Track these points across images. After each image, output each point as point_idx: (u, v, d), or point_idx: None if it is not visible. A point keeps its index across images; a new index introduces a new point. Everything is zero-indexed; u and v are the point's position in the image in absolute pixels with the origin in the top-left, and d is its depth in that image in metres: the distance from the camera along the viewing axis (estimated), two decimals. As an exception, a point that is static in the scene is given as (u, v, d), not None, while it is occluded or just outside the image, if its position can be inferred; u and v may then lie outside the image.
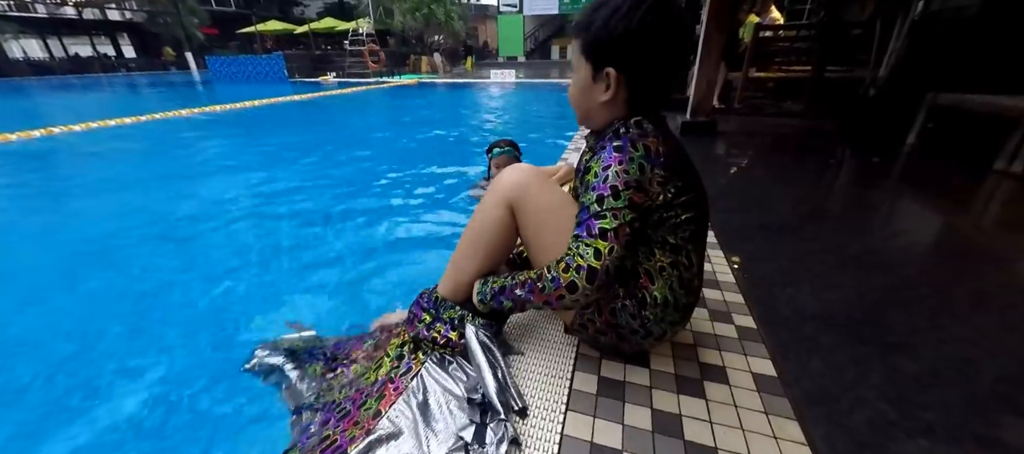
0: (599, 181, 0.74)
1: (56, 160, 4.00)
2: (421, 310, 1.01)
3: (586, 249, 0.72)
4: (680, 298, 0.84)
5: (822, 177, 2.60)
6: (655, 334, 0.86)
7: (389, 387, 0.91)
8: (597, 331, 0.89)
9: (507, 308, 0.89)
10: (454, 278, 0.99)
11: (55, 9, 20.95)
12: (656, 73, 0.77)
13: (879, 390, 0.90)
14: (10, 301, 1.59)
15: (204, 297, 1.59)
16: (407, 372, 0.94)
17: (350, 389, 0.96)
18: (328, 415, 0.89)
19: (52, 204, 2.79)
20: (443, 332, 0.96)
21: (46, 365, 1.24)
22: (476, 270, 0.96)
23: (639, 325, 0.85)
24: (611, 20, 0.72)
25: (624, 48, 0.74)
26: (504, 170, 0.93)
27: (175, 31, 19.58)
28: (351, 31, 15.61)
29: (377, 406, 0.87)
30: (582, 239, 0.73)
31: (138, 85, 12.99)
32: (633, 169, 0.74)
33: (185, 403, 1.09)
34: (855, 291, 1.29)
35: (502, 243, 0.94)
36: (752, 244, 1.62)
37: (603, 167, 0.75)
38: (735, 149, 3.27)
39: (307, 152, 4.14)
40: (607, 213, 0.72)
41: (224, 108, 6.97)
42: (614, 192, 0.73)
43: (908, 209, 2.00)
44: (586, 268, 0.71)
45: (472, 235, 0.95)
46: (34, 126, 4.96)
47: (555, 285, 0.75)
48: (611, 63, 0.76)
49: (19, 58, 18.98)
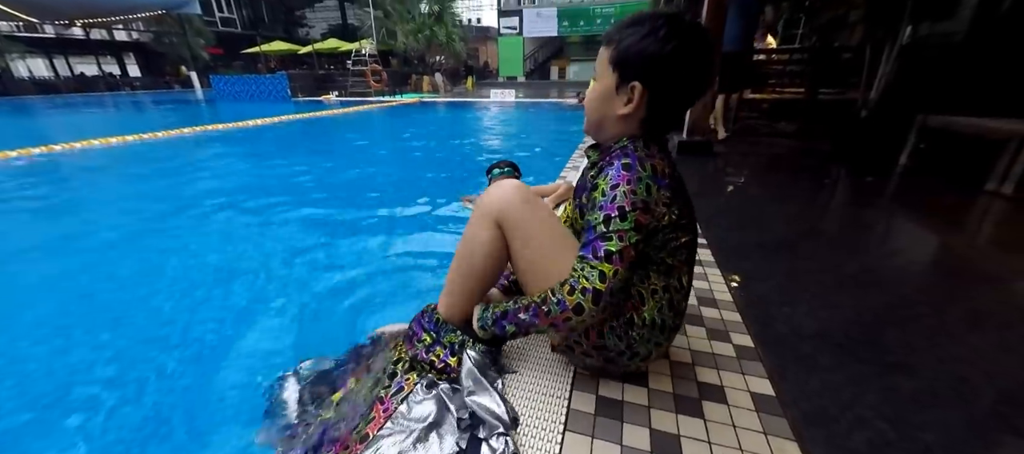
0: (606, 200, 0.74)
1: (61, 176, 4.02)
2: (421, 329, 1.01)
3: (591, 272, 0.72)
4: (668, 320, 0.85)
5: (817, 196, 2.63)
6: (640, 355, 0.87)
7: (379, 408, 0.90)
8: (583, 352, 0.89)
9: (510, 332, 0.88)
10: (451, 300, 0.98)
11: (63, 30, 21.31)
12: (677, 98, 0.80)
13: (877, 410, 0.90)
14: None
15: (202, 323, 1.59)
16: (397, 392, 0.92)
17: (345, 405, 0.95)
18: (321, 437, 0.88)
19: (51, 219, 2.80)
20: (442, 357, 0.95)
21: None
22: (472, 292, 0.96)
23: (625, 346, 0.85)
24: (646, 39, 0.74)
25: (654, 67, 0.75)
26: (489, 188, 0.92)
27: (181, 51, 19.91)
28: (354, 52, 15.90)
29: (365, 429, 0.85)
30: (587, 261, 0.74)
31: (145, 103, 13.15)
32: (641, 189, 0.74)
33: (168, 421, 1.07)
34: (852, 310, 1.30)
35: (494, 263, 0.92)
36: (749, 262, 1.63)
37: (611, 186, 0.75)
38: (731, 168, 3.31)
39: (305, 170, 4.18)
40: (613, 235, 0.72)
41: (227, 126, 7.05)
42: (621, 213, 0.73)
43: (903, 228, 2.02)
44: (591, 291, 0.72)
45: (464, 257, 0.94)
46: (53, 142, 5.01)
47: (561, 308, 0.75)
48: (639, 78, 0.76)
49: (24, 77, 19.24)
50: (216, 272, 1.94)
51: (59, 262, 2.09)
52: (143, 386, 1.21)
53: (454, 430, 0.83)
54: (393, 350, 1.06)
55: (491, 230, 0.89)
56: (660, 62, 0.74)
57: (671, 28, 0.73)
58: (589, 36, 21.75)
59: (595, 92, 0.84)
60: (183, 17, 18.49)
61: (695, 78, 0.77)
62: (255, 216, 2.73)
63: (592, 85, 0.86)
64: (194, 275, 1.92)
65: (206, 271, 1.96)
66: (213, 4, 24.20)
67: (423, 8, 18.20)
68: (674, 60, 0.74)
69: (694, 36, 0.74)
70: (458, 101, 12.69)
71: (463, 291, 0.96)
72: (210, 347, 1.40)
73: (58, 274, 1.95)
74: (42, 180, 3.84)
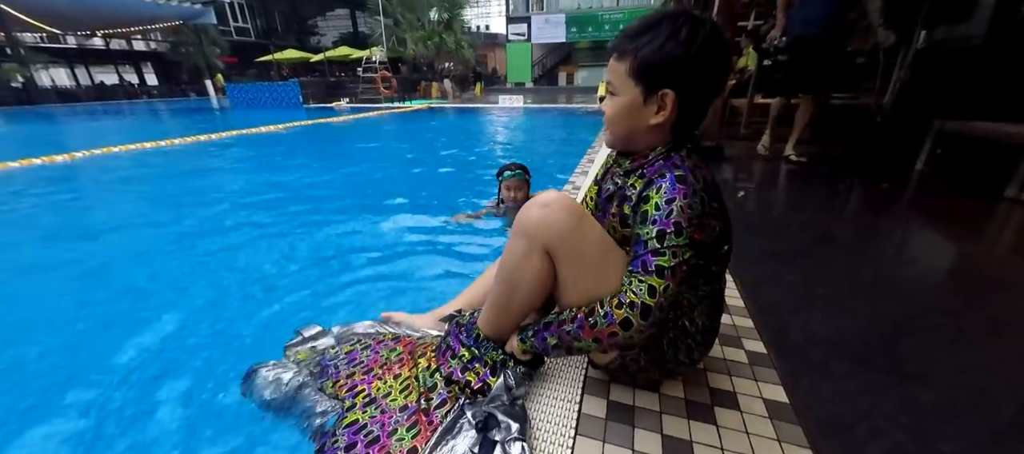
0: (661, 215, 0.72)
1: (81, 181, 4.13)
2: (459, 343, 0.98)
3: (640, 286, 0.70)
4: (714, 322, 0.88)
5: (830, 202, 2.60)
6: (694, 360, 0.89)
7: (423, 419, 0.89)
8: (639, 369, 0.88)
9: (552, 345, 0.84)
10: (494, 319, 0.95)
11: (85, 40, 22.00)
12: (705, 98, 0.78)
13: (895, 420, 0.89)
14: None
15: (206, 315, 1.61)
16: (441, 405, 0.91)
17: (375, 409, 0.93)
18: (354, 438, 0.87)
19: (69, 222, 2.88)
20: (482, 375, 0.93)
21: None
22: (516, 315, 0.93)
23: (685, 355, 0.86)
24: (667, 44, 0.71)
25: (683, 71, 0.73)
26: (533, 206, 0.84)
27: (197, 60, 20.40)
28: (364, 59, 16.13)
29: (412, 442, 0.84)
30: (637, 274, 0.71)
31: (164, 111, 13.47)
32: (697, 204, 0.72)
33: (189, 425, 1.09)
34: (868, 318, 1.28)
35: (540, 289, 0.87)
36: (761, 268, 1.62)
37: (667, 200, 0.72)
38: (742, 174, 3.28)
39: (315, 174, 4.24)
40: (667, 250, 0.70)
41: (240, 132, 7.19)
42: (677, 229, 0.70)
43: (919, 235, 1.99)
44: (640, 305, 0.70)
45: (508, 280, 0.88)
46: (78, 148, 5.16)
47: (608, 321, 0.73)
48: (669, 85, 0.74)
49: (47, 86, 19.84)
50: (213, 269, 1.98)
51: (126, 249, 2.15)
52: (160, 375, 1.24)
53: (471, 430, 0.84)
54: (422, 357, 1.05)
55: (540, 259, 0.83)
56: (688, 65, 0.72)
57: (692, 28, 0.71)
58: (597, 42, 21.76)
59: (619, 107, 0.80)
60: (199, 27, 18.99)
61: (719, 75, 0.76)
62: (269, 215, 2.78)
63: (610, 100, 0.82)
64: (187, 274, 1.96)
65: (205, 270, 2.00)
66: (228, 14, 24.79)
67: (433, 16, 18.40)
68: (701, 61, 0.72)
69: (714, 32, 0.72)
70: (467, 107, 12.79)
71: (507, 314, 0.93)
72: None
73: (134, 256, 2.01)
74: (76, 183, 3.95)
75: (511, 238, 0.87)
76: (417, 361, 1.05)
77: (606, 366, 0.91)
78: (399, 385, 1.00)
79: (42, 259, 2.27)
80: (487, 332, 0.96)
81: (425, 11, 18.19)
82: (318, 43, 30.31)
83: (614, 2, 21.47)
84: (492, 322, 0.96)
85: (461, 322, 1.02)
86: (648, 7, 19.58)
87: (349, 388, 1.00)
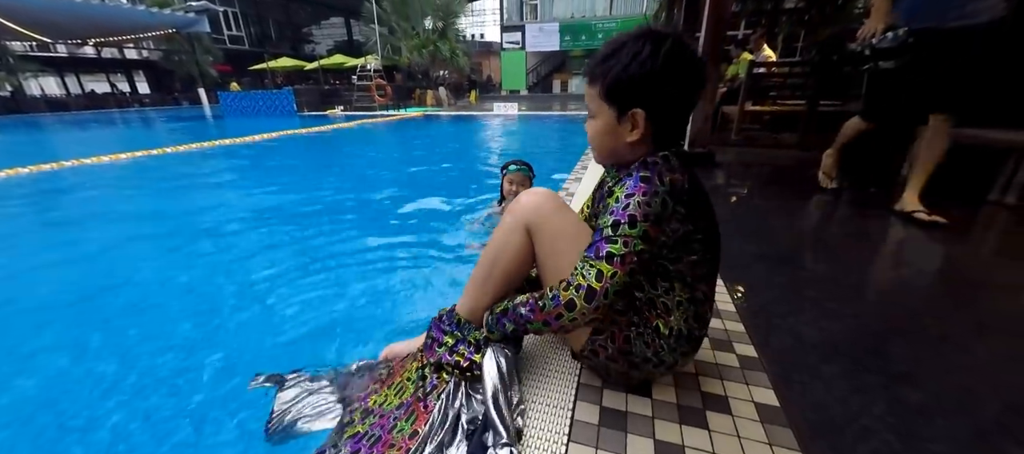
0: (619, 207, 0.75)
1: (76, 192, 4.09)
2: (441, 332, 1.01)
3: (590, 270, 0.74)
4: (693, 330, 0.87)
5: (820, 207, 2.63)
6: (667, 363, 0.88)
7: (419, 406, 0.91)
8: (608, 357, 0.89)
9: (510, 331, 0.90)
10: (472, 300, 0.99)
11: (76, 49, 21.86)
12: (677, 110, 0.81)
13: (883, 421, 0.90)
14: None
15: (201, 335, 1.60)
16: (433, 390, 0.94)
17: (373, 418, 0.94)
18: (357, 445, 0.88)
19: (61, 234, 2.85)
20: (467, 354, 0.95)
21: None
22: (493, 293, 0.97)
23: (652, 353, 0.86)
24: (631, 65, 0.75)
25: (648, 89, 0.76)
26: (522, 193, 0.94)
27: (190, 69, 20.33)
28: (359, 67, 16.16)
29: (412, 427, 0.87)
30: (589, 259, 0.76)
31: (160, 119, 13.38)
32: (656, 203, 0.74)
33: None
34: (856, 321, 1.29)
35: (518, 266, 0.94)
36: (752, 273, 1.64)
37: (626, 195, 0.76)
38: (734, 179, 3.32)
39: (308, 182, 4.23)
40: (619, 239, 0.74)
41: (233, 141, 7.16)
42: (631, 221, 0.74)
43: (906, 239, 2.02)
44: (586, 288, 0.74)
45: (489, 258, 0.95)
46: (66, 157, 5.10)
47: (554, 303, 0.77)
48: (637, 104, 0.77)
49: (36, 95, 19.64)
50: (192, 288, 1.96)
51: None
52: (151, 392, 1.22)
53: (462, 440, 0.84)
54: (414, 361, 1.06)
55: (520, 234, 0.90)
56: (652, 82, 0.75)
57: (653, 45, 0.73)
58: (591, 50, 21.99)
59: (597, 129, 0.85)
60: (193, 35, 18.92)
61: (687, 87, 0.78)
62: (257, 228, 2.76)
63: (590, 122, 0.87)
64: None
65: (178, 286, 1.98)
66: (222, 22, 24.75)
67: (427, 24, 18.51)
68: (664, 77, 0.74)
69: (676, 47, 0.74)
70: (462, 114, 12.83)
71: (483, 291, 0.97)
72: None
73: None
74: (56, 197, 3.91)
75: (501, 219, 0.95)
76: (409, 365, 1.06)
77: (579, 352, 0.94)
78: (393, 391, 1.00)
79: (28, 269, 2.24)
80: (465, 315, 1.00)
81: (420, 19, 18.29)
82: (313, 51, 30.32)
83: (607, 11, 21.76)
84: (469, 303, 0.99)
85: (442, 314, 1.04)
86: (640, 15, 19.86)
87: (346, 405, 1.02)
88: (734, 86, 5.04)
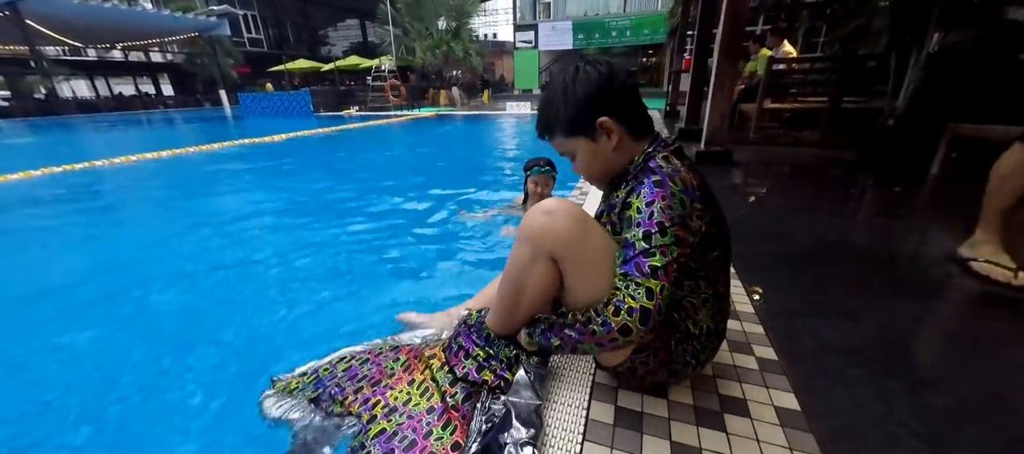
0: (644, 217, 0.74)
1: (104, 190, 4.24)
2: (472, 344, 1.00)
3: (638, 290, 0.70)
4: (719, 324, 0.88)
5: (842, 206, 2.56)
6: (701, 361, 0.88)
7: (454, 415, 0.92)
8: (648, 371, 0.88)
9: (555, 345, 0.84)
10: (502, 321, 0.97)
11: (104, 53, 22.64)
12: (626, 95, 0.83)
13: (909, 427, 0.87)
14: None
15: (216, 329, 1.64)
16: (467, 398, 0.95)
17: (400, 416, 0.94)
18: (388, 445, 0.88)
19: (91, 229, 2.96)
20: (499, 371, 0.96)
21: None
22: (523, 318, 0.93)
23: (691, 356, 0.86)
24: (569, 99, 0.83)
25: (596, 99, 0.81)
26: (540, 214, 0.82)
27: (211, 71, 20.86)
28: (374, 68, 16.34)
29: (452, 438, 0.87)
30: (632, 278, 0.71)
31: (181, 121, 13.77)
32: (676, 205, 0.74)
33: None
34: (880, 324, 1.26)
35: (545, 294, 0.88)
36: (771, 274, 1.60)
37: (647, 204, 0.75)
38: (752, 178, 3.26)
39: (325, 181, 4.30)
40: (656, 251, 0.71)
41: (253, 141, 7.33)
42: (661, 229, 0.72)
43: (933, 240, 1.95)
44: (639, 310, 0.69)
45: (514, 285, 0.89)
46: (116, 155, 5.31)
47: (606, 329, 0.72)
48: (595, 116, 0.82)
49: (68, 97, 20.39)
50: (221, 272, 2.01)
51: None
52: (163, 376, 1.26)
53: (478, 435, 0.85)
54: (433, 358, 1.06)
55: (545, 266, 0.83)
56: (589, 95, 0.81)
57: (572, 72, 0.83)
58: (605, 48, 21.80)
59: (583, 160, 0.88)
60: (214, 38, 19.43)
61: (611, 73, 0.82)
62: (277, 225, 2.82)
63: (576, 163, 0.90)
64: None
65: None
66: (242, 25, 25.33)
67: (441, 25, 18.60)
68: (593, 83, 0.81)
69: (580, 61, 0.83)
70: (474, 114, 12.87)
71: (512, 315, 0.94)
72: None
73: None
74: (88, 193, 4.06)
75: (515, 244, 0.87)
76: (429, 363, 1.06)
77: (614, 369, 0.91)
78: (417, 390, 1.01)
79: (58, 268, 2.33)
80: (497, 331, 0.98)
81: (433, 20, 18.39)
82: (329, 53, 30.80)
83: (621, 8, 21.53)
84: (501, 322, 0.97)
85: (469, 322, 1.04)
86: (655, 12, 19.61)
87: (362, 402, 1.00)
88: (752, 83, 4.94)
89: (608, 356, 0.90)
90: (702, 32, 5.04)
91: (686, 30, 7.88)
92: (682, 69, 7.98)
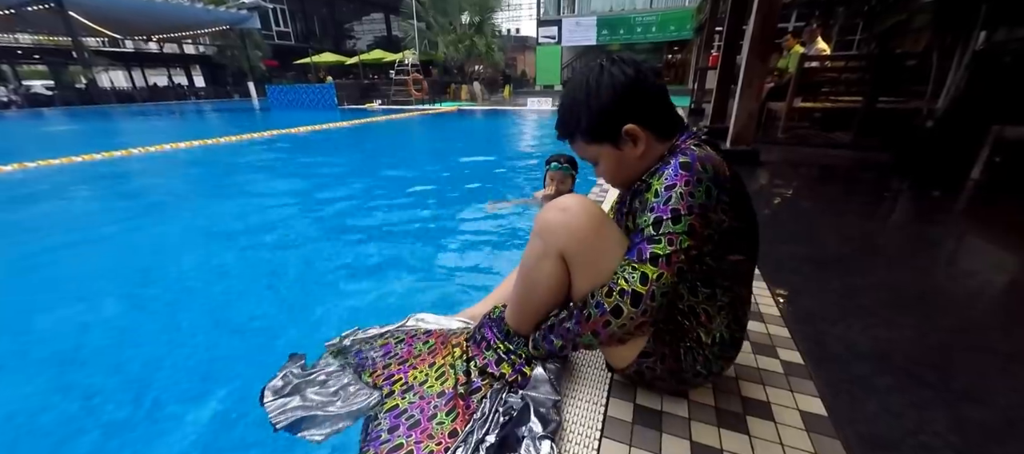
0: (660, 201, 0.70)
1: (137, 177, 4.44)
2: (494, 336, 1.01)
3: (632, 274, 0.69)
4: (735, 334, 0.84)
5: (876, 210, 2.46)
6: (714, 371, 0.86)
7: (460, 403, 0.92)
8: (656, 378, 0.87)
9: (558, 347, 0.86)
10: (516, 319, 0.98)
11: (142, 44, 23.58)
12: (656, 98, 0.78)
13: (945, 439, 0.84)
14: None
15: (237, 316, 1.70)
16: (477, 391, 0.95)
17: (413, 396, 0.98)
18: (396, 422, 0.91)
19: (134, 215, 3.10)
20: (517, 365, 0.96)
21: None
22: (534, 318, 0.95)
23: (702, 366, 0.84)
24: (591, 103, 0.76)
25: (621, 105, 0.75)
26: (554, 210, 0.82)
27: (241, 63, 21.47)
28: (397, 62, 16.51)
29: (452, 424, 0.88)
30: (631, 262, 0.70)
31: (211, 111, 14.25)
32: (700, 193, 0.69)
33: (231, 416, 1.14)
34: (915, 331, 1.21)
35: (556, 295, 0.88)
36: (799, 277, 1.56)
37: (666, 187, 0.70)
38: (779, 179, 3.16)
39: (349, 171, 4.38)
40: (662, 238, 0.68)
41: (281, 132, 7.52)
42: (674, 216, 0.68)
43: (974, 247, 1.86)
44: (630, 293, 0.69)
45: (527, 283, 0.90)
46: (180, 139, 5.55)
47: (599, 311, 0.73)
48: (623, 122, 0.76)
49: (107, 87, 21.33)
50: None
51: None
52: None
53: (496, 427, 0.85)
54: (457, 346, 1.08)
55: (555, 264, 0.82)
56: (615, 100, 0.75)
57: (596, 74, 0.76)
58: (628, 44, 21.43)
59: (607, 167, 0.83)
60: (244, 31, 19.99)
61: (640, 77, 0.75)
62: (304, 213, 2.89)
63: (599, 168, 0.85)
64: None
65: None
66: (271, 19, 25.95)
67: (464, 19, 18.66)
68: (622, 87, 0.74)
69: (610, 62, 0.75)
70: (495, 109, 12.87)
71: (528, 310, 0.95)
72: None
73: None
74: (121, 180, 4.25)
75: (531, 238, 0.87)
76: (452, 349, 1.08)
77: (622, 371, 0.90)
78: (435, 372, 1.03)
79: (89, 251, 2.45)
80: (514, 327, 0.99)
81: (457, 15, 18.47)
82: (354, 46, 31.25)
83: (648, 4, 21.11)
84: (517, 318, 0.98)
85: (493, 315, 1.05)
86: (682, 8, 19.15)
87: (386, 377, 1.05)
88: (781, 81, 4.79)
89: (613, 355, 0.89)
90: (731, 28, 4.91)
91: (714, 26, 7.69)
92: (709, 66, 7.79)
